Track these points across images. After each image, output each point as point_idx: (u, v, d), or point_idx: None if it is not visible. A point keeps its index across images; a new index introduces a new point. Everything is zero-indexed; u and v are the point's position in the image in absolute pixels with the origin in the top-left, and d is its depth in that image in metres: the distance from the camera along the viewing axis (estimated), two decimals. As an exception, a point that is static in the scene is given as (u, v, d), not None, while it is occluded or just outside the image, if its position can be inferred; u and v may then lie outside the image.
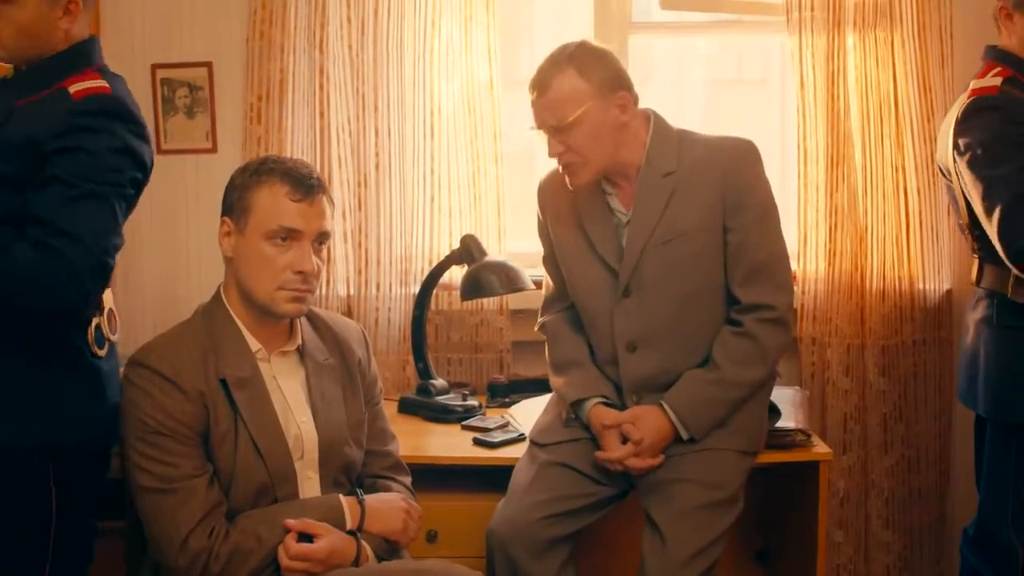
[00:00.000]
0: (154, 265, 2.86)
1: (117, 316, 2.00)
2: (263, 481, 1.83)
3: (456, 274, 2.69)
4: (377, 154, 2.77)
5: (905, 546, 2.81)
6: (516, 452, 2.27)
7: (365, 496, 1.89)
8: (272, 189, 1.83)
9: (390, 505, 1.91)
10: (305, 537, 1.78)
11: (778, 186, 2.39)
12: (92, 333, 1.89)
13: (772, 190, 2.17)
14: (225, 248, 1.88)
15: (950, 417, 2.83)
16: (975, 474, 2.39)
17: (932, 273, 2.78)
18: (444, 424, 2.52)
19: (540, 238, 2.32)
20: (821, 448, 2.28)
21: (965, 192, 2.17)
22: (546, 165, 2.30)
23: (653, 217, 2.12)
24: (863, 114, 2.73)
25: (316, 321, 2.01)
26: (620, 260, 2.15)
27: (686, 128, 2.21)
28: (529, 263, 2.58)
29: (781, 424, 2.26)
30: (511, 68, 3.00)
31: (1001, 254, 2.08)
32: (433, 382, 2.63)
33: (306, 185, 1.84)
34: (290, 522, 1.78)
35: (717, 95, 3.87)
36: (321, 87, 2.74)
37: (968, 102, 2.15)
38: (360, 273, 2.79)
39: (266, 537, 1.78)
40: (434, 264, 2.71)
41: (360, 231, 2.78)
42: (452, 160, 2.79)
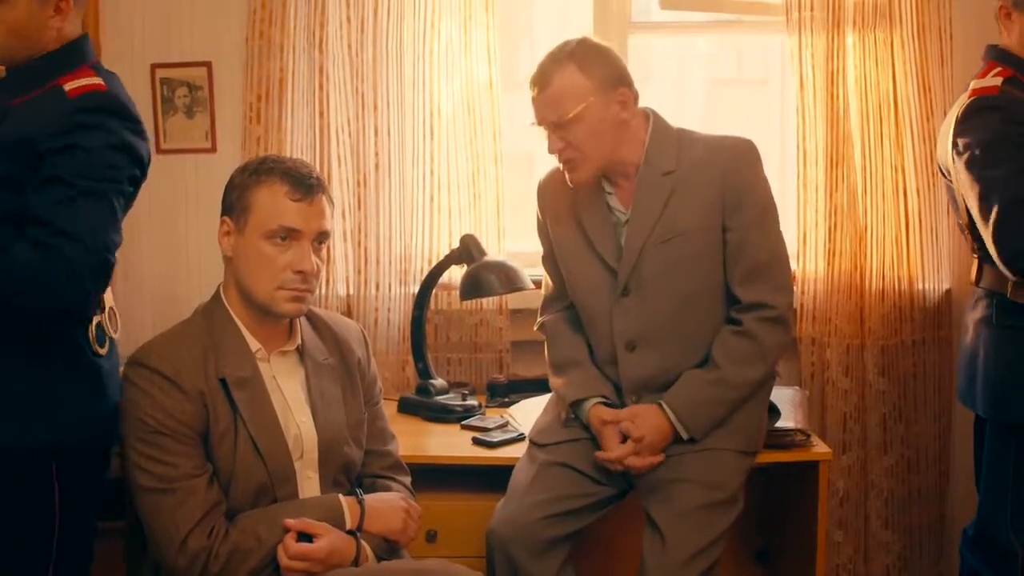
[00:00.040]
0: (154, 265, 2.86)
1: (118, 314, 2.00)
2: (262, 481, 1.83)
3: (455, 274, 2.69)
4: (377, 154, 2.77)
5: (905, 546, 2.81)
6: (515, 452, 2.27)
7: (365, 496, 1.89)
8: (272, 189, 1.83)
9: (390, 505, 1.91)
10: (305, 537, 1.78)
11: (778, 186, 2.39)
12: (93, 331, 1.89)
13: (771, 190, 2.17)
14: (225, 248, 1.88)
15: (950, 417, 2.83)
16: (975, 474, 2.39)
17: (931, 273, 2.78)
18: (444, 424, 2.52)
19: (539, 238, 2.32)
20: (821, 448, 2.28)
21: (962, 192, 2.17)
22: (545, 165, 2.30)
23: (652, 216, 2.12)
24: (862, 114, 2.73)
25: (316, 321, 2.01)
26: (619, 259, 2.14)
27: (685, 127, 2.21)
28: (528, 263, 2.58)
29: (781, 424, 2.26)
30: (511, 68, 3.00)
31: (994, 256, 2.07)
32: (432, 382, 2.63)
33: (306, 185, 1.84)
34: (289, 522, 1.78)
35: (717, 95, 3.87)
36: (321, 87, 2.74)
37: (968, 102, 2.15)
38: (359, 273, 2.79)
39: (265, 537, 1.78)
40: (433, 264, 2.71)
41: (360, 231, 2.78)
42: (452, 160, 2.79)
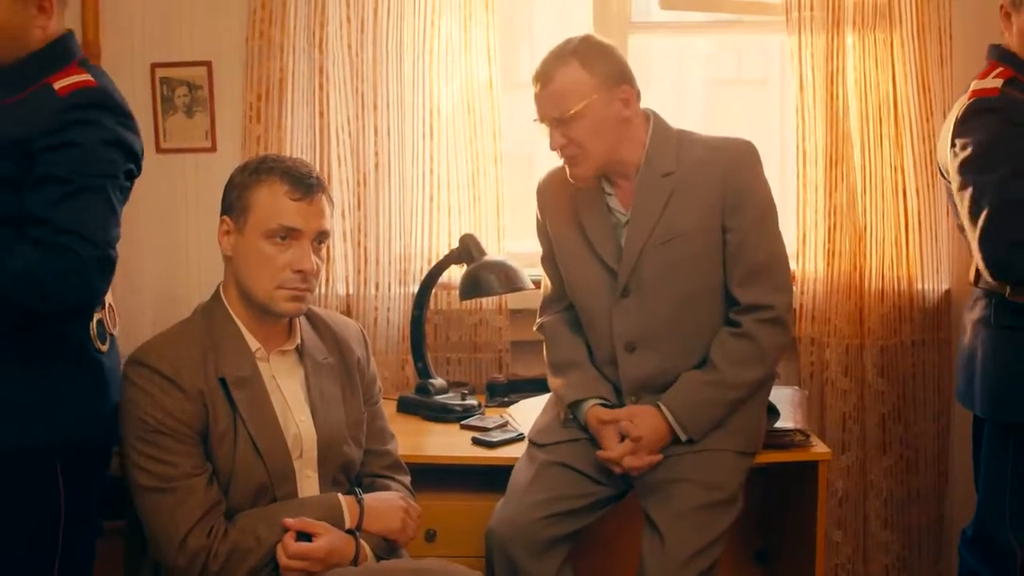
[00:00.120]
0: (154, 264, 2.86)
1: (116, 311, 2.00)
2: (262, 480, 1.83)
3: (455, 273, 2.69)
4: (376, 153, 2.77)
5: (904, 546, 2.81)
6: (515, 452, 2.27)
7: (364, 495, 1.89)
8: (271, 188, 1.83)
9: (389, 504, 1.91)
10: (304, 536, 1.78)
11: (777, 186, 2.39)
12: (94, 328, 1.89)
13: (771, 191, 2.17)
14: (224, 247, 1.88)
15: (949, 418, 2.83)
16: (973, 475, 2.39)
17: (931, 273, 2.78)
18: (443, 424, 2.52)
19: (539, 238, 2.32)
20: (820, 448, 2.28)
21: (956, 194, 2.17)
22: (545, 165, 2.30)
23: (652, 217, 2.12)
24: (862, 114, 2.73)
25: (315, 320, 2.01)
26: (619, 260, 2.15)
27: (685, 128, 2.21)
28: (528, 263, 2.58)
29: (780, 424, 2.26)
30: (511, 68, 3.00)
31: (978, 262, 2.07)
32: (432, 381, 2.63)
33: (305, 184, 1.84)
34: (289, 521, 1.78)
35: (716, 95, 3.87)
36: (321, 86, 2.74)
37: (968, 103, 2.14)
38: (359, 272, 2.79)
39: (265, 536, 1.78)
40: (433, 264, 2.71)
41: (359, 230, 2.78)
42: (451, 160, 2.79)
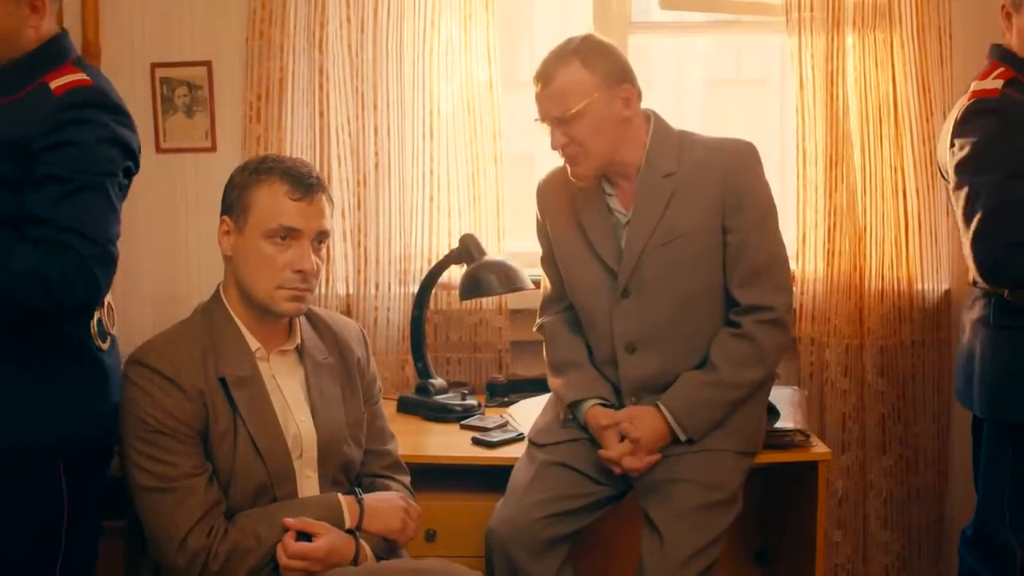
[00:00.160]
0: (154, 264, 2.86)
1: (115, 310, 2.00)
2: (262, 480, 1.83)
3: (455, 273, 2.69)
4: (376, 153, 2.77)
5: (903, 546, 2.81)
6: (515, 452, 2.27)
7: (364, 495, 1.89)
8: (271, 188, 1.83)
9: (389, 504, 1.91)
10: (304, 536, 1.78)
11: (777, 186, 2.39)
12: (95, 326, 1.90)
13: (771, 191, 2.17)
14: (224, 247, 1.88)
15: (948, 418, 2.83)
16: (973, 474, 2.39)
17: (931, 273, 2.78)
18: (443, 423, 2.52)
19: (539, 239, 2.32)
20: (820, 448, 2.28)
21: (952, 194, 2.17)
22: (546, 165, 2.30)
23: (653, 218, 2.12)
24: (862, 115, 2.73)
25: (315, 320, 2.01)
26: (619, 261, 2.15)
27: (685, 128, 2.21)
28: (528, 263, 2.58)
29: (780, 424, 2.26)
30: (511, 68, 3.00)
31: (969, 260, 2.07)
32: (432, 381, 2.63)
33: (305, 184, 1.84)
34: (289, 521, 1.78)
35: (716, 95, 3.88)
36: (321, 86, 2.74)
37: (968, 104, 2.14)
38: (359, 272, 2.79)
39: (265, 536, 1.78)
40: (433, 264, 2.71)
41: (359, 230, 2.78)
42: (451, 160, 2.79)
